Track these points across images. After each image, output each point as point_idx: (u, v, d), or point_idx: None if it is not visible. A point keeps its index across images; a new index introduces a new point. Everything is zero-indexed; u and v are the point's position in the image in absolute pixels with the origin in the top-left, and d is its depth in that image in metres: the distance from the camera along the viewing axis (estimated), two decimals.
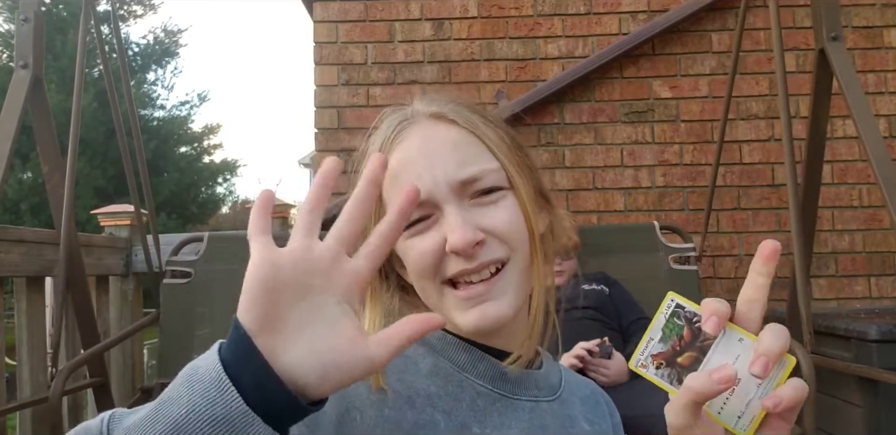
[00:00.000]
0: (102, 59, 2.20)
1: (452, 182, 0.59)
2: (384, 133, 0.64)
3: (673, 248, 2.20)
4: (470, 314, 0.58)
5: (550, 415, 0.64)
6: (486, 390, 0.61)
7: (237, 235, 2.32)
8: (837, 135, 2.54)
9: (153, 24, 31.53)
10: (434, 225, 0.59)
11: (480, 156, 0.61)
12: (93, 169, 9.97)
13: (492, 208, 0.60)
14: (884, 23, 2.60)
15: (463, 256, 0.57)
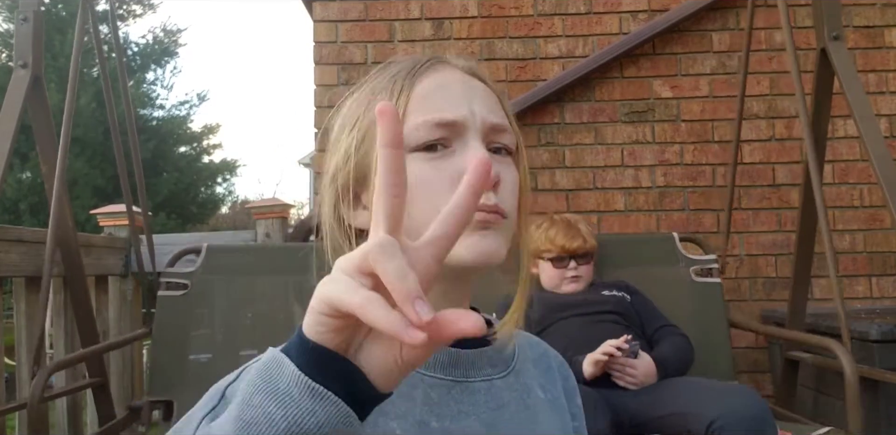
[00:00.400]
0: (100, 58, 2.18)
1: (486, 121, 0.59)
2: (412, 63, 0.62)
3: (694, 259, 2.08)
4: (472, 237, 0.56)
5: (507, 390, 0.62)
6: (437, 380, 0.59)
7: (237, 247, 2.29)
8: (838, 134, 2.53)
9: (152, 23, 31.54)
10: (449, 157, 0.58)
11: (504, 116, 0.62)
12: (92, 169, 9.96)
13: (503, 165, 0.60)
14: (884, 22, 2.60)
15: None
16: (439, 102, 0.59)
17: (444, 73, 0.61)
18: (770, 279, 2.51)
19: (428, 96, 0.59)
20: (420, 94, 0.59)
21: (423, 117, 0.58)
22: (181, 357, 2.00)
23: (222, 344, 2.05)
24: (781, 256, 2.51)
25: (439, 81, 0.60)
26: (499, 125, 0.60)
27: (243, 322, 2.08)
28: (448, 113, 0.58)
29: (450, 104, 0.59)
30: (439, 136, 0.58)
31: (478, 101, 0.60)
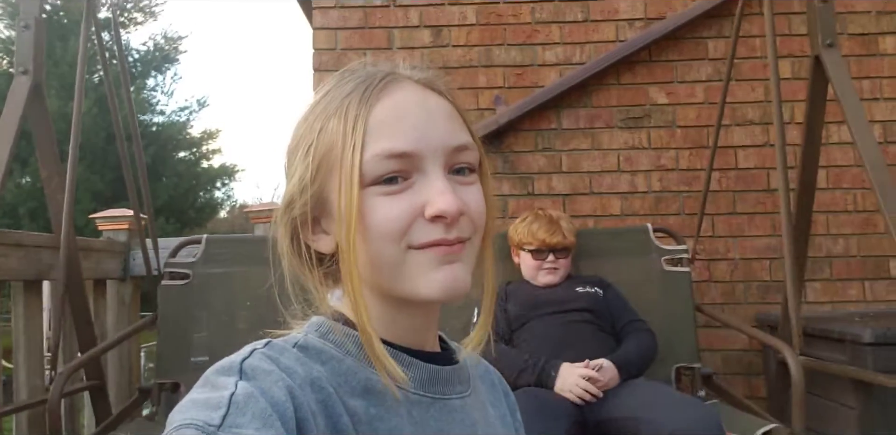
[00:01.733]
0: (103, 64, 2.21)
1: (447, 147, 0.56)
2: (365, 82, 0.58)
3: (666, 250, 2.21)
4: (439, 273, 0.54)
5: (473, 408, 0.62)
6: (419, 397, 0.57)
7: (234, 238, 2.33)
8: (832, 140, 2.55)
9: (153, 30, 31.63)
10: (409, 189, 0.55)
11: (466, 131, 0.60)
12: (92, 174, 9.98)
13: (469, 189, 0.58)
14: (879, 30, 2.63)
15: (443, 224, 0.54)
16: (393, 132, 0.55)
17: (400, 95, 0.58)
18: (764, 283, 2.53)
19: (381, 126, 0.56)
20: (374, 122, 0.56)
21: (377, 148, 0.55)
22: (185, 342, 2.12)
23: (223, 329, 2.16)
24: (776, 260, 2.52)
25: (394, 106, 0.57)
26: (461, 146, 0.57)
27: (242, 308, 2.18)
28: (401, 143, 0.55)
29: (404, 133, 0.55)
30: (395, 169, 0.55)
31: (436, 124, 0.57)
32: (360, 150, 0.55)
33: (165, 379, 2.07)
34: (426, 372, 0.59)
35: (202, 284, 2.16)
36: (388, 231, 0.54)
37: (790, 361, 1.60)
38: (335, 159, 0.56)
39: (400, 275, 0.55)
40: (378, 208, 0.55)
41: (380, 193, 0.55)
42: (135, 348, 2.59)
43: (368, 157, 0.55)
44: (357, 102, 0.57)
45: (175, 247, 2.24)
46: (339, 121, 0.57)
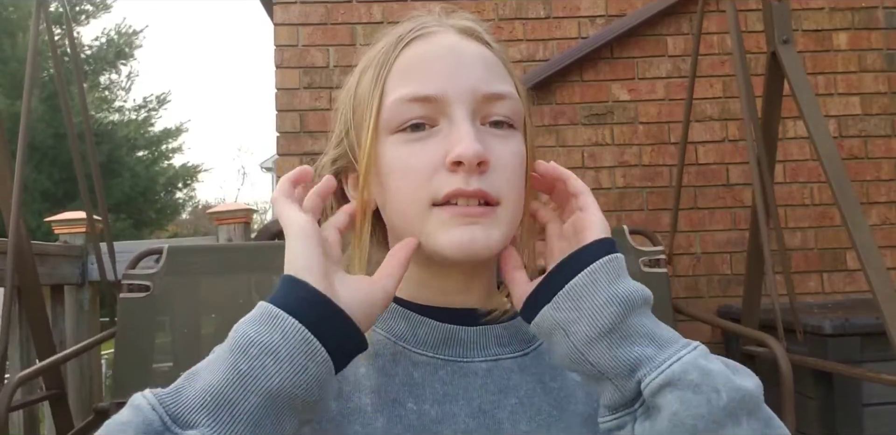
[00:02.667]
0: (54, 60, 2.13)
1: (476, 91, 0.52)
2: (399, 32, 0.57)
3: (643, 251, 2.19)
4: (456, 232, 0.51)
5: (519, 372, 0.56)
6: (426, 358, 0.55)
7: (199, 247, 2.27)
8: (789, 135, 2.61)
9: (106, 25, 30.84)
10: (433, 138, 0.52)
11: (507, 81, 0.55)
12: (39, 173, 9.68)
13: (503, 141, 0.53)
14: (832, 26, 2.69)
15: (463, 172, 0.50)
16: (417, 75, 0.53)
17: (432, 39, 0.55)
18: (725, 276, 2.58)
19: (406, 70, 0.53)
20: (400, 66, 0.54)
21: (399, 93, 0.52)
22: (145, 359, 2.02)
23: (186, 346, 2.08)
24: (736, 254, 2.58)
25: (422, 51, 0.54)
26: (495, 94, 0.53)
27: (206, 323, 2.11)
28: (424, 87, 0.52)
29: (428, 77, 0.52)
30: (418, 114, 0.52)
31: (466, 68, 0.53)
32: (380, 96, 0.53)
33: (123, 398, 1.96)
34: (441, 332, 0.56)
35: (164, 296, 2.04)
36: (408, 182, 0.52)
37: (779, 357, 1.59)
38: (364, 109, 0.55)
39: (423, 231, 0.52)
40: (399, 155, 0.52)
41: (402, 141, 0.53)
42: (95, 357, 2.52)
43: (391, 102, 0.53)
44: (388, 50, 0.55)
45: (134, 257, 2.10)
46: (372, 71, 0.55)
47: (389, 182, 0.53)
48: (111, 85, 12.00)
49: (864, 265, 1.50)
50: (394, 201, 0.54)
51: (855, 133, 2.67)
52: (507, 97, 0.54)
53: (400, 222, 0.55)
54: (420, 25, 0.56)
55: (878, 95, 2.67)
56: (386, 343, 0.56)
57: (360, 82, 0.57)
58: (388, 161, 0.53)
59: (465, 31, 0.57)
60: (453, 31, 0.56)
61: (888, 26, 2.69)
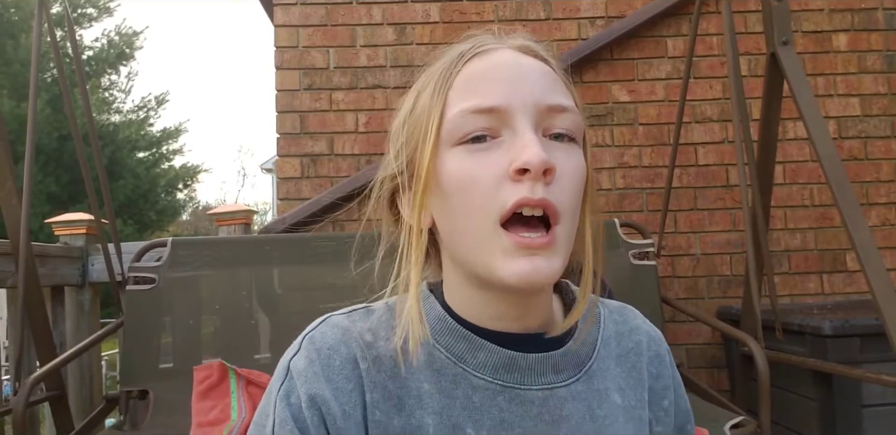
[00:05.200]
0: (57, 62, 2.14)
1: (539, 102, 0.52)
2: (460, 49, 0.55)
3: (633, 244, 2.25)
4: (519, 263, 0.49)
5: (571, 401, 0.56)
6: (485, 383, 0.54)
7: (202, 241, 2.28)
8: (789, 136, 2.62)
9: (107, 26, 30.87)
10: (496, 148, 0.51)
11: (568, 96, 0.55)
12: (46, 176, 9.69)
13: (566, 152, 0.53)
14: (832, 27, 2.70)
15: (529, 181, 0.49)
16: (480, 88, 0.52)
17: (493, 55, 0.54)
18: (725, 277, 2.58)
19: (469, 82, 0.53)
20: (461, 81, 0.53)
21: (462, 105, 0.52)
22: (151, 350, 2.07)
23: (191, 334, 2.12)
24: (735, 255, 2.58)
25: (484, 66, 0.53)
26: (557, 106, 0.53)
27: (210, 314, 2.14)
28: (487, 98, 0.51)
29: (491, 89, 0.52)
30: (482, 126, 0.51)
31: (529, 80, 0.53)
32: (442, 106, 0.52)
33: (132, 386, 2.01)
34: (500, 357, 0.55)
35: (168, 288, 2.11)
36: (473, 196, 0.50)
37: (756, 354, 1.63)
38: (424, 124, 0.54)
39: (483, 253, 0.51)
40: (462, 168, 0.51)
41: (465, 152, 0.51)
42: (95, 357, 2.52)
43: (454, 114, 0.52)
44: (448, 66, 0.55)
45: (139, 250, 2.18)
46: (432, 86, 0.55)
47: (452, 196, 0.52)
48: (112, 86, 12.02)
49: (864, 266, 1.50)
50: (457, 217, 0.52)
51: (854, 134, 2.67)
52: (569, 110, 0.53)
53: (461, 242, 0.53)
54: (479, 43, 0.56)
55: (877, 96, 2.68)
56: (447, 362, 0.55)
57: (416, 103, 0.56)
58: (451, 173, 0.52)
59: (524, 48, 0.56)
60: (512, 48, 0.56)
61: (888, 27, 2.69)
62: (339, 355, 0.54)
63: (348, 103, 2.63)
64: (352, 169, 2.60)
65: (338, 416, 0.52)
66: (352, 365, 0.54)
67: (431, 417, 0.53)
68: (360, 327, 0.57)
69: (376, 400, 0.54)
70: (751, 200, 1.95)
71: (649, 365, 0.62)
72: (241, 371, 1.97)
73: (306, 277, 2.18)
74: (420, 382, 0.54)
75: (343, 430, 0.52)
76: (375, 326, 0.57)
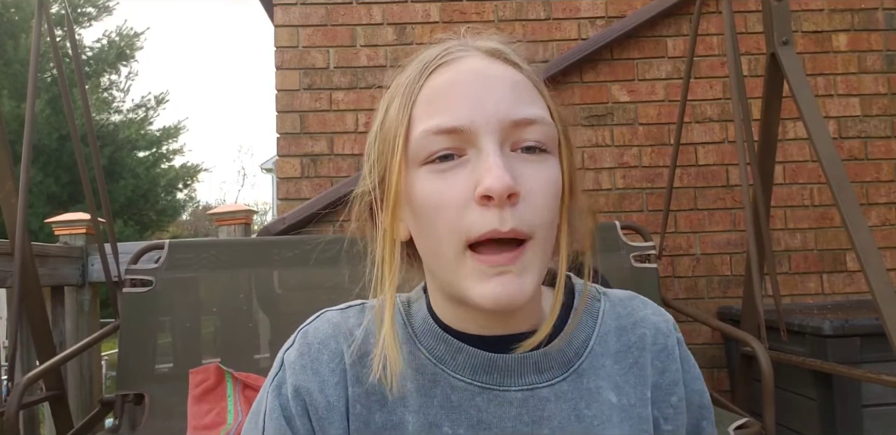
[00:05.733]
0: (57, 63, 2.14)
1: (504, 119, 0.50)
2: (425, 59, 0.54)
3: (634, 246, 2.24)
4: (488, 285, 0.49)
5: (555, 401, 0.55)
6: (464, 384, 0.55)
7: (198, 243, 2.28)
8: (789, 136, 2.62)
9: (107, 27, 30.89)
10: (462, 167, 0.50)
11: (537, 103, 0.53)
12: (46, 176, 9.69)
13: (535, 167, 0.51)
14: (832, 27, 2.70)
15: (491, 208, 0.48)
16: (442, 106, 0.51)
17: (457, 65, 0.52)
18: (725, 277, 2.58)
19: (432, 100, 0.51)
20: (424, 98, 0.52)
21: (425, 125, 0.51)
22: (149, 351, 2.07)
23: (188, 337, 2.11)
24: (736, 255, 2.58)
25: (447, 79, 0.52)
26: (524, 119, 0.50)
27: (208, 316, 2.14)
28: (448, 118, 0.50)
29: (454, 106, 0.50)
30: (445, 146, 0.50)
31: (494, 95, 0.50)
32: (406, 127, 0.51)
33: (128, 390, 2.00)
34: (479, 359, 0.55)
35: (166, 290, 2.11)
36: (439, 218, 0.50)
37: (760, 355, 1.62)
38: (391, 143, 0.53)
39: (455, 277, 0.51)
40: (429, 188, 0.50)
41: (431, 172, 0.51)
42: (95, 357, 2.52)
43: (418, 134, 0.51)
44: (413, 78, 0.53)
45: (136, 253, 2.17)
46: (398, 101, 0.53)
47: (422, 217, 0.52)
48: (111, 86, 12.02)
49: (864, 266, 1.50)
50: (428, 239, 0.52)
51: (855, 134, 2.67)
52: (538, 122, 0.51)
53: (433, 262, 0.53)
54: (444, 51, 0.54)
55: (877, 96, 2.67)
56: (427, 363, 0.56)
57: (387, 112, 0.55)
58: (418, 195, 0.51)
59: (493, 53, 0.54)
60: (480, 53, 0.54)
61: (888, 27, 2.69)
62: (327, 350, 0.57)
63: (348, 103, 2.63)
64: (352, 169, 2.60)
65: (321, 406, 0.55)
66: (338, 359, 0.56)
67: (412, 415, 0.55)
68: (351, 323, 0.58)
69: (358, 394, 0.55)
70: (752, 199, 1.95)
71: (654, 359, 0.59)
72: (237, 374, 1.97)
73: (304, 278, 2.18)
74: (404, 379, 0.55)
75: (325, 420, 0.54)
76: (368, 323, 0.58)
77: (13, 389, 1.60)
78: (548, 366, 0.56)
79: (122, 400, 1.99)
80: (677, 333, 0.62)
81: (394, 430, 0.55)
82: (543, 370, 0.56)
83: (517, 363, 0.55)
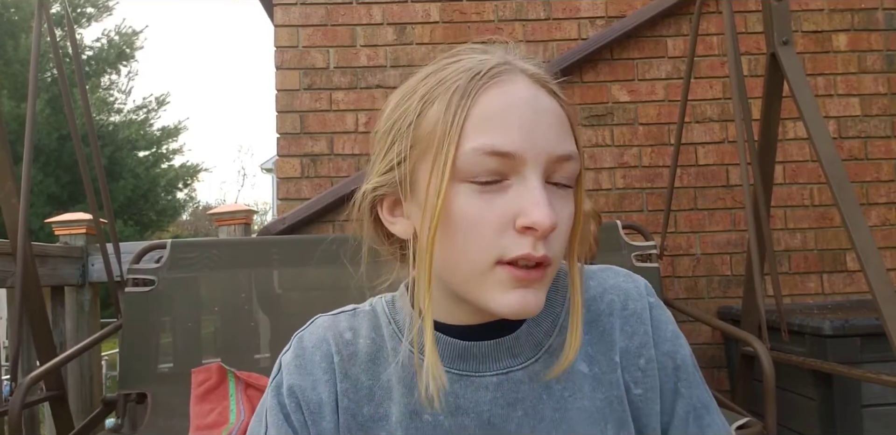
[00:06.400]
0: (57, 62, 2.14)
1: (551, 153, 0.52)
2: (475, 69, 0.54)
3: (635, 246, 2.24)
4: (511, 296, 0.52)
5: (528, 382, 0.58)
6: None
7: (200, 242, 2.28)
8: (789, 136, 2.62)
9: (107, 26, 30.89)
10: (503, 193, 0.52)
11: (571, 139, 0.55)
12: (46, 176, 9.69)
13: (564, 203, 0.54)
14: (832, 27, 2.70)
15: (532, 237, 0.51)
16: (498, 128, 0.51)
17: (510, 89, 0.53)
18: (725, 277, 2.58)
19: (488, 118, 0.52)
20: (480, 114, 0.52)
21: (477, 142, 0.51)
22: (151, 350, 2.07)
23: (190, 336, 2.12)
24: (736, 255, 2.58)
25: (503, 100, 0.52)
26: (566, 155, 0.53)
27: (209, 316, 2.14)
28: (504, 142, 0.51)
29: (509, 132, 0.51)
30: (494, 168, 0.51)
31: (544, 127, 0.52)
32: (457, 141, 0.51)
33: (130, 389, 2.01)
34: (456, 348, 0.59)
35: (167, 290, 2.11)
36: (475, 235, 0.52)
37: (761, 355, 1.62)
38: (431, 145, 0.53)
39: (476, 285, 0.53)
40: (468, 207, 0.52)
41: (473, 191, 0.52)
42: (96, 357, 2.52)
43: (468, 150, 0.51)
44: (463, 89, 0.53)
45: (138, 252, 2.18)
46: (442, 106, 0.53)
47: (455, 232, 0.53)
48: (111, 86, 12.02)
49: (864, 266, 1.50)
50: (456, 250, 0.53)
51: (855, 134, 2.67)
52: (574, 158, 0.54)
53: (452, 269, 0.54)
54: (494, 70, 0.54)
55: (877, 96, 2.67)
56: (409, 356, 0.60)
57: (423, 112, 0.55)
58: (456, 210, 0.52)
59: (538, 79, 0.55)
60: (527, 79, 0.55)
61: (888, 27, 2.69)
62: (319, 351, 0.62)
63: (348, 103, 2.63)
64: (352, 169, 2.60)
65: (312, 402, 0.60)
66: (329, 359, 0.61)
67: (396, 407, 0.59)
68: (342, 326, 0.63)
69: (346, 389, 0.60)
70: (752, 199, 1.95)
71: (624, 325, 0.61)
72: (239, 374, 1.97)
73: (305, 278, 2.18)
74: (390, 375, 0.60)
75: (317, 415, 0.59)
76: (357, 325, 0.63)
77: (16, 389, 1.60)
78: (521, 349, 0.59)
79: (123, 399, 1.99)
80: (650, 297, 0.62)
81: (379, 421, 0.59)
82: (517, 354, 0.59)
83: (492, 349, 0.59)
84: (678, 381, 0.61)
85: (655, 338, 0.61)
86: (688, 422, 0.60)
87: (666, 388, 0.60)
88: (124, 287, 2.13)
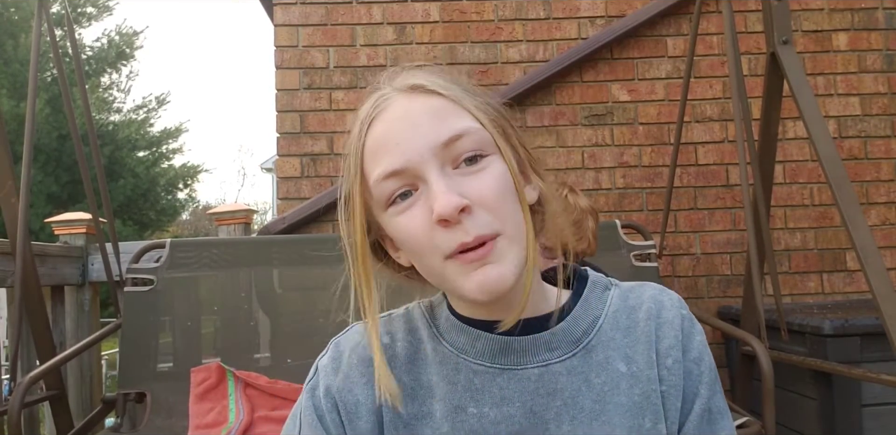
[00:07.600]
0: (57, 62, 2.14)
1: (435, 146, 0.56)
2: (360, 116, 0.61)
3: (634, 245, 2.24)
4: (473, 278, 0.55)
5: (567, 375, 0.61)
6: (484, 368, 0.61)
7: (199, 242, 2.28)
8: (789, 136, 2.62)
9: (107, 26, 30.86)
10: (419, 200, 0.56)
11: (461, 117, 0.58)
12: (46, 176, 9.69)
13: (478, 176, 0.56)
14: (832, 27, 2.70)
15: (452, 226, 0.54)
16: (381, 154, 0.57)
17: (386, 115, 0.58)
18: (725, 277, 2.58)
19: (373, 151, 0.58)
20: (368, 151, 0.59)
21: (374, 174, 0.57)
22: (150, 349, 2.07)
23: (189, 336, 2.12)
24: (736, 255, 2.58)
25: (381, 128, 0.58)
26: (450, 138, 0.56)
27: (209, 315, 2.15)
28: (389, 162, 0.56)
29: (389, 152, 0.57)
30: (396, 187, 0.57)
31: (422, 128, 0.56)
32: (360, 179, 0.59)
33: (130, 389, 2.01)
34: (497, 343, 0.61)
35: (167, 289, 2.11)
36: (417, 247, 0.57)
37: (760, 355, 1.62)
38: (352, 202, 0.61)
39: (447, 283, 0.58)
40: (400, 226, 0.58)
41: (396, 213, 0.58)
42: (95, 357, 2.52)
43: (372, 184, 0.58)
44: (357, 137, 0.60)
45: (138, 252, 2.18)
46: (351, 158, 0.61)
47: (408, 251, 0.60)
48: (111, 86, 12.02)
49: (864, 266, 1.50)
50: (414, 260, 0.60)
51: (854, 134, 2.67)
52: (465, 133, 0.57)
53: (431, 278, 0.60)
54: (374, 105, 0.60)
55: (877, 96, 2.67)
56: (449, 355, 0.63)
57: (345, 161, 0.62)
58: (394, 234, 0.60)
59: (413, 88, 0.59)
60: (402, 94, 0.59)
61: (888, 27, 2.69)
62: (356, 355, 0.64)
63: (348, 103, 2.63)
64: None
65: (349, 403, 0.62)
66: (366, 363, 0.63)
67: (439, 404, 0.61)
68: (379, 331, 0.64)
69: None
70: (752, 198, 1.95)
71: (658, 329, 0.64)
72: (238, 373, 1.97)
73: (305, 277, 2.18)
74: (430, 375, 0.63)
75: (354, 415, 0.62)
76: (394, 330, 0.66)
77: (16, 389, 1.60)
78: (557, 344, 0.62)
79: (123, 399, 1.99)
80: (682, 309, 0.65)
81: (423, 419, 0.61)
82: (554, 348, 0.62)
83: (530, 344, 0.61)
84: (700, 384, 0.63)
85: (685, 345, 0.63)
86: (702, 423, 0.62)
87: (688, 390, 0.63)
88: (124, 287, 2.13)
